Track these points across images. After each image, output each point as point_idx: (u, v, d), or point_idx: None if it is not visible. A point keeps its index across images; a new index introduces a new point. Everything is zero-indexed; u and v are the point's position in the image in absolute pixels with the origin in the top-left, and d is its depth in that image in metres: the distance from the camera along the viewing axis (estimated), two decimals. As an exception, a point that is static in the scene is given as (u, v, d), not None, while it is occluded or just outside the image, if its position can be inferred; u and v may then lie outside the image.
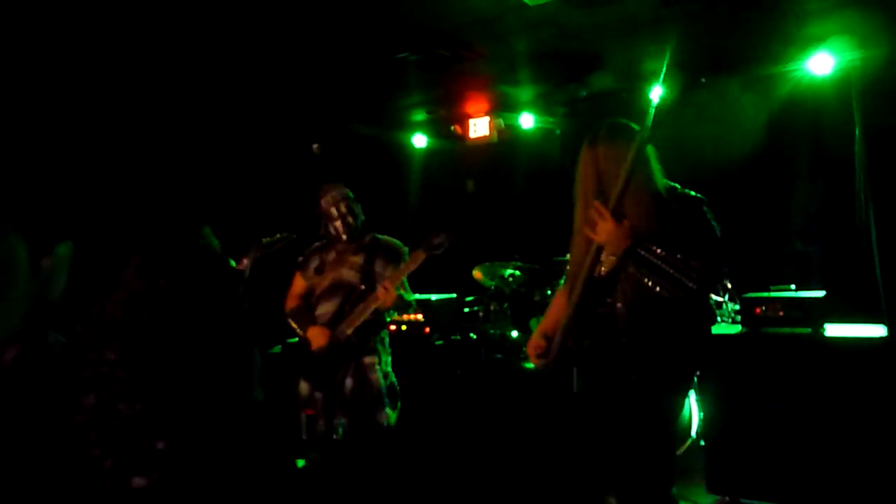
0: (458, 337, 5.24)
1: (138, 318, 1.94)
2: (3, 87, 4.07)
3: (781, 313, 3.47)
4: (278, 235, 3.40)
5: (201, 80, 4.84)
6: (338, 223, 3.40)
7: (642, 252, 2.29)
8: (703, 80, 5.13)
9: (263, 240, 3.27)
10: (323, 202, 3.44)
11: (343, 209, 3.40)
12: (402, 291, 3.34)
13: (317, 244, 3.58)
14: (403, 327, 5.03)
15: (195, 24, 3.94)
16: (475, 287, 5.57)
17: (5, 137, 3.98)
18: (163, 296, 1.99)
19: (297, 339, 3.53)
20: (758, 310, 3.54)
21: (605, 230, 2.29)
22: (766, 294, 3.60)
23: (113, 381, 1.86)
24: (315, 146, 3.52)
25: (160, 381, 1.87)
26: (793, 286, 3.69)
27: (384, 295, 3.19)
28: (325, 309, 3.38)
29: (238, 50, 4.38)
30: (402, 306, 3.38)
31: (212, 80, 4.86)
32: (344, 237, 3.41)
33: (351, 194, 3.49)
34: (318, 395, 3.30)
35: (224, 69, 4.71)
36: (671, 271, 2.26)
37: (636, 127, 2.39)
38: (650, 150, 2.39)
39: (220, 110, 5.27)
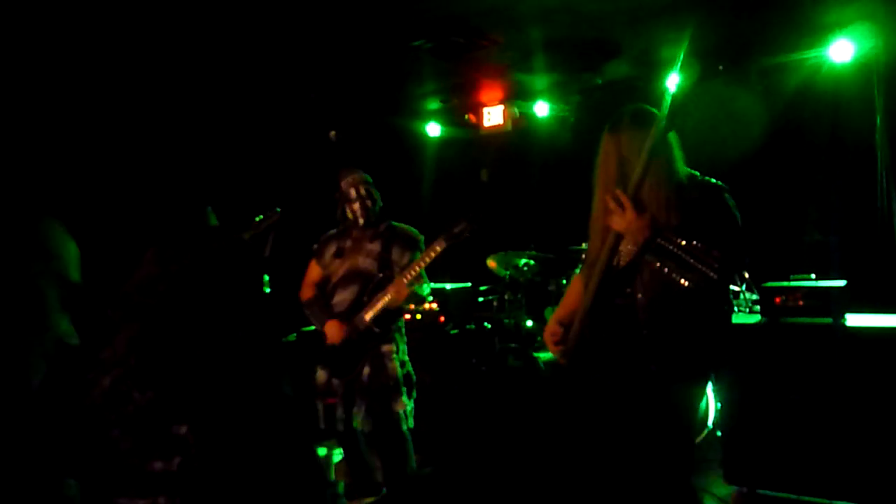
0: (473, 326, 5.24)
1: (147, 303, 1.94)
2: (17, 83, 4.08)
3: (801, 303, 3.43)
4: (268, 213, 3.29)
5: (217, 70, 4.84)
6: (356, 205, 3.38)
7: (662, 242, 2.26)
8: (721, 67, 5.07)
9: (255, 219, 3.22)
10: (343, 184, 3.43)
11: (363, 192, 3.39)
12: (416, 286, 3.31)
13: (332, 231, 3.57)
14: (418, 316, 5.03)
15: (209, 13, 3.93)
16: (490, 276, 5.55)
17: (19, 131, 3.99)
18: (175, 280, 1.97)
19: (313, 327, 3.53)
20: (777, 299, 3.50)
21: (624, 219, 2.26)
22: (785, 283, 3.57)
23: (124, 366, 1.86)
24: (332, 133, 3.50)
25: (172, 368, 1.86)
26: (813, 275, 3.65)
27: (396, 292, 3.18)
28: (343, 297, 3.38)
29: (253, 36, 4.38)
30: (417, 301, 3.37)
31: (227, 68, 4.86)
32: (361, 221, 3.39)
33: (370, 179, 3.48)
34: (335, 382, 3.31)
35: (239, 57, 4.70)
36: (692, 261, 2.23)
37: (659, 113, 2.34)
38: (672, 137, 2.34)
39: (236, 98, 5.27)
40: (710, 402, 4.14)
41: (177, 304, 1.91)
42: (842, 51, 4.59)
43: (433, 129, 6.87)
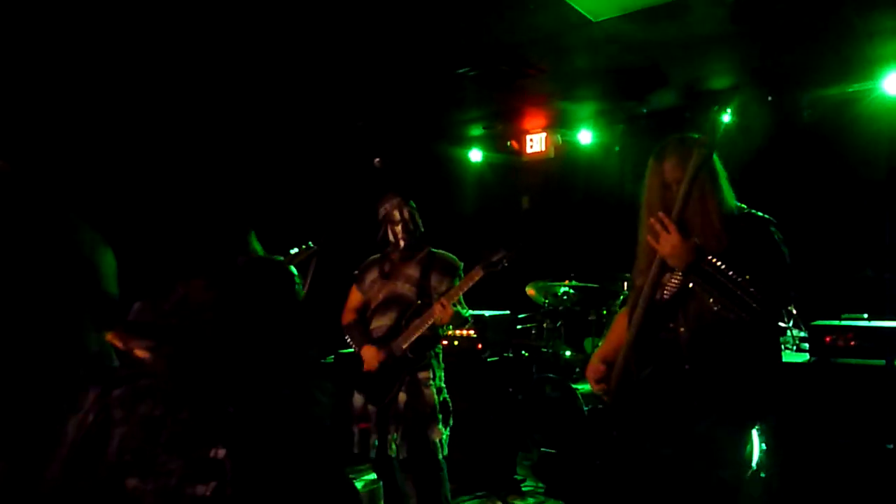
0: (511, 354, 5.19)
1: (189, 328, 1.97)
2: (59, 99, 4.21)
3: (853, 343, 3.32)
4: (303, 247, 3.36)
5: (262, 97, 4.95)
6: (398, 227, 3.41)
7: (707, 268, 2.21)
8: (770, 98, 4.98)
9: (290, 251, 3.27)
10: (387, 205, 3.46)
11: (406, 215, 3.42)
12: (458, 308, 3.32)
13: (373, 257, 3.59)
14: (456, 343, 5.01)
15: (255, 41, 4.03)
16: (529, 304, 5.51)
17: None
18: (226, 307, 2.00)
19: (351, 350, 3.54)
20: (828, 338, 3.39)
21: (668, 242, 2.21)
22: (836, 322, 3.45)
23: (161, 392, 1.88)
24: (377, 160, 3.54)
25: (209, 389, 1.88)
26: (865, 315, 3.53)
27: (441, 312, 3.18)
28: (381, 322, 3.38)
29: (299, 64, 4.47)
30: (460, 323, 3.37)
31: (273, 95, 4.97)
32: (402, 243, 3.41)
33: (413, 204, 3.51)
34: (371, 408, 3.30)
35: (286, 84, 4.80)
36: (737, 291, 2.17)
37: (702, 137, 2.30)
38: (717, 164, 2.31)
39: (282, 125, 5.38)
40: (755, 443, 4.00)
41: (224, 330, 1.93)
42: (897, 83, 4.50)
43: (475, 155, 6.90)
